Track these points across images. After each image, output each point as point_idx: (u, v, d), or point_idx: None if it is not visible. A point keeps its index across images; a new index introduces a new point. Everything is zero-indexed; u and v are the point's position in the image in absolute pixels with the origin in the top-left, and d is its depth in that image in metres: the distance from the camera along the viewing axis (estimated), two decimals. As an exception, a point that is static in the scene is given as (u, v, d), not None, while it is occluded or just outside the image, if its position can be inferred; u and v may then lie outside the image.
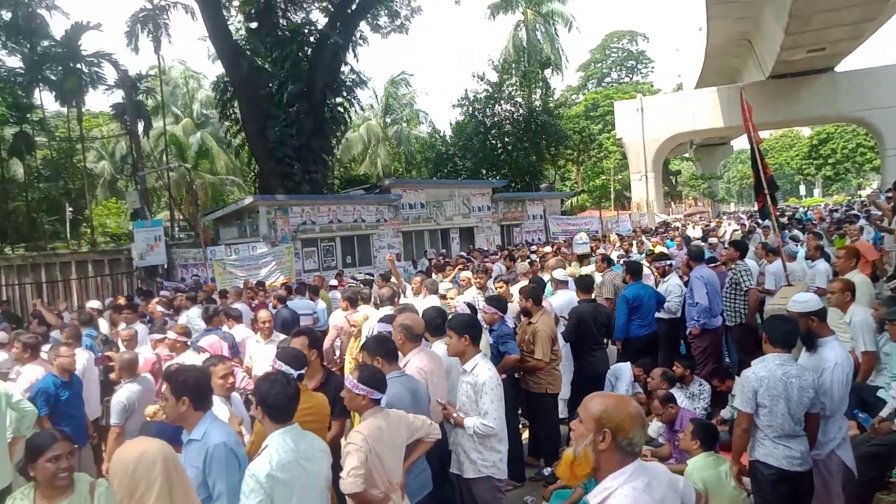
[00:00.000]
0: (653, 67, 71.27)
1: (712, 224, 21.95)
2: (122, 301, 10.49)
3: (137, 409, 4.97)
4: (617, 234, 17.02)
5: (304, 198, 17.85)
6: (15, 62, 21.69)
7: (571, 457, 2.05)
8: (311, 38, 20.60)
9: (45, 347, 6.68)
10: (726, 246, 9.33)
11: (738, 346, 7.36)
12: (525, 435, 6.22)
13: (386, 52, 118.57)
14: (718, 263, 8.28)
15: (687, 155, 54.78)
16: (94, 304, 10.41)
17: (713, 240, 14.25)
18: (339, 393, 3.42)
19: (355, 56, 24.26)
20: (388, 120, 38.45)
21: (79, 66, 20.20)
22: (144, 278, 16.33)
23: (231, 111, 21.86)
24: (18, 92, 21.62)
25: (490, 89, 30.45)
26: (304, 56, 20.22)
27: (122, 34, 28.61)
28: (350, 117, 25.01)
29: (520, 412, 6.18)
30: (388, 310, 6.22)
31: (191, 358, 5.61)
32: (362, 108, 32.80)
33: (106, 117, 30.50)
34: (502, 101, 30.66)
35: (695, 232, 18.36)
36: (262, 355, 5.85)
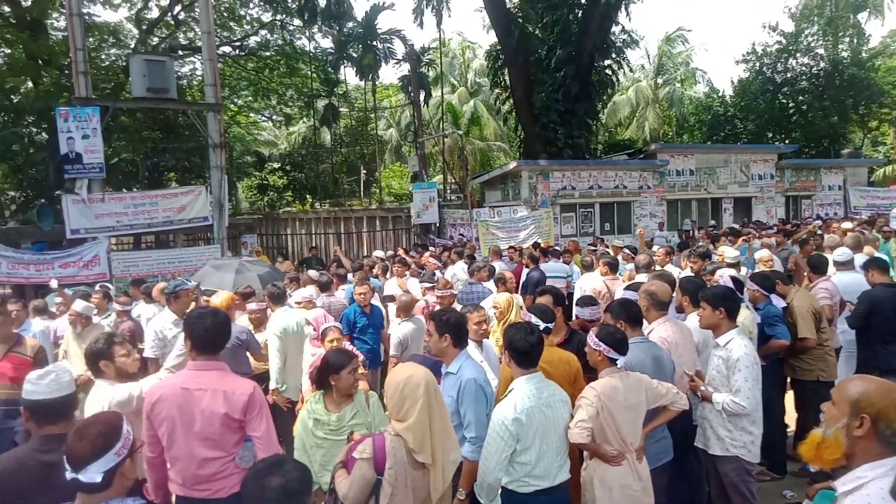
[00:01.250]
0: None
1: None
2: (401, 252, 11.87)
3: (410, 344, 5.72)
4: None
5: (565, 163, 17.96)
6: (327, 43, 25.45)
7: (819, 438, 1.87)
8: (583, 0, 20.31)
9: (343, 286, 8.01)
10: None
11: None
12: (792, 426, 5.63)
13: (662, 6, 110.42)
14: None
15: None
16: (379, 253, 12.02)
17: None
18: (580, 350, 3.52)
19: (627, 15, 23.19)
20: (659, 80, 36.24)
21: (375, 43, 22.86)
22: (420, 234, 18.17)
23: (501, 79, 22.74)
24: (329, 69, 25.38)
25: (784, 41, 26.77)
26: (574, 19, 20.07)
27: (409, 11, 31.35)
28: (618, 79, 24.20)
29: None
30: (643, 277, 6.11)
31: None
32: (632, 70, 31.43)
33: (394, 89, 34.10)
34: (798, 54, 26.78)
35: None
36: None
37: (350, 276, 9.25)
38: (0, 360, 5.06)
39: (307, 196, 29.21)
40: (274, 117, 33.78)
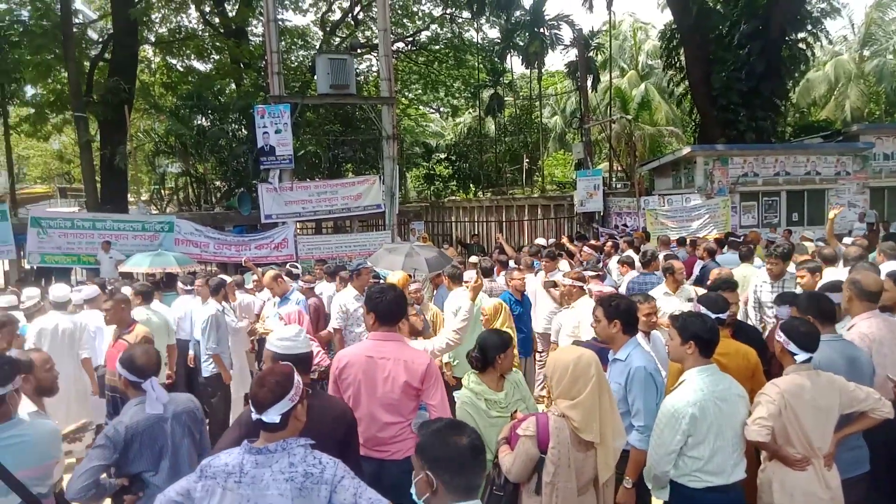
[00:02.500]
0: None
1: None
2: (564, 240, 11.79)
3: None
4: None
5: (747, 147, 16.57)
6: (494, 33, 25.79)
7: None
8: (773, -32, 18.48)
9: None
10: None
11: None
12: None
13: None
14: None
15: None
16: (540, 241, 12.04)
17: None
18: (749, 342, 3.33)
19: (828, -20, 20.75)
20: (865, 53, 31.80)
21: (541, 30, 22.67)
22: (582, 223, 17.83)
23: (676, 59, 21.49)
24: (495, 59, 25.67)
25: None
26: (762, -11, 18.36)
27: (578, -5, 30.73)
28: (814, 54, 21.74)
29: None
30: (839, 272, 5.50)
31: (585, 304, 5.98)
32: (831, 42, 28.03)
33: (560, 76, 33.61)
34: None
35: None
36: (665, 307, 5.87)
37: (511, 262, 9.38)
38: (112, 346, 5.09)
39: (471, 185, 29.87)
40: (441, 109, 34.97)
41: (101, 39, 21.60)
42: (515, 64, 29.41)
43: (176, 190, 21.10)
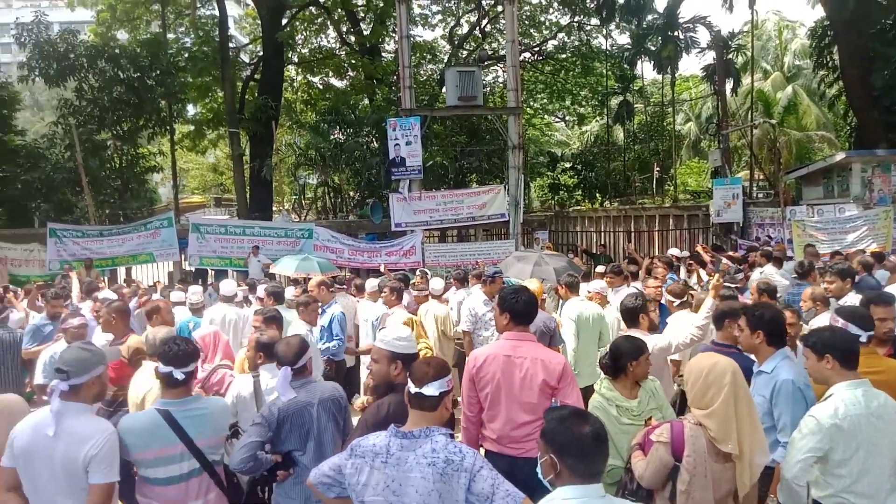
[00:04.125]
0: None
1: None
2: (699, 248, 11.29)
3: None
4: None
5: (913, 152, 14.92)
6: (623, 39, 25.16)
7: None
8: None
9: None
10: None
11: None
12: None
13: None
14: None
15: None
16: (674, 251, 11.59)
17: None
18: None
19: None
20: None
21: (675, 33, 21.77)
22: (719, 234, 16.85)
23: (828, 58, 19.80)
24: (624, 65, 25.01)
25: None
26: (934, -25, 16.48)
27: (717, -4, 29.15)
28: None
29: None
30: None
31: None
32: None
33: (695, 80, 32.06)
34: None
35: None
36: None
37: (641, 272, 9.11)
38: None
39: (597, 194, 29.19)
40: (567, 118, 34.54)
41: (251, 62, 23.66)
42: (646, 69, 28.46)
43: (315, 199, 22.48)
